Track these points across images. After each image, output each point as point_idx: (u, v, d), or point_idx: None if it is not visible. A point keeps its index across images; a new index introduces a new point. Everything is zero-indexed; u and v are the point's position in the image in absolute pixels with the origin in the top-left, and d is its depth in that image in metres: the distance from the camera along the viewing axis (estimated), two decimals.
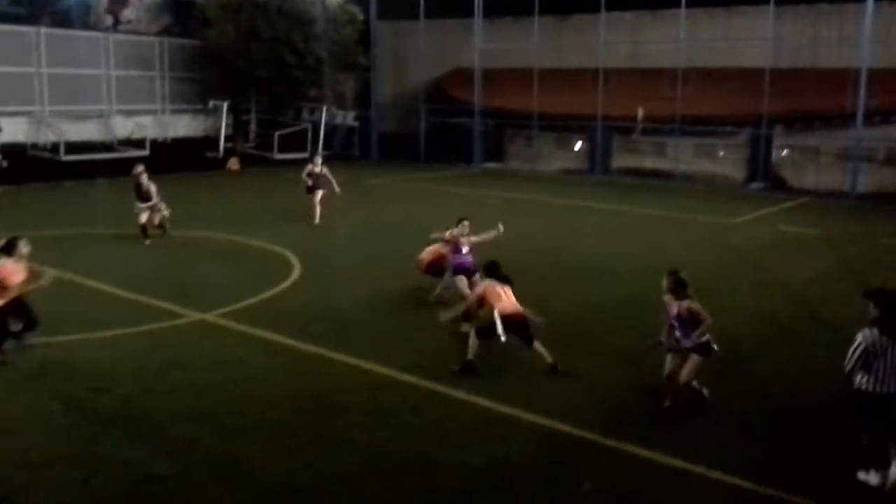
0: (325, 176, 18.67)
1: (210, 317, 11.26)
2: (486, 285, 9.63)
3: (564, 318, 11.62)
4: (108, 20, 31.99)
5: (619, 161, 30.34)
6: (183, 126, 33.35)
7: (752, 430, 8.01)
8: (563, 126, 30.43)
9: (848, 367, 6.77)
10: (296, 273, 13.98)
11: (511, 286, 9.65)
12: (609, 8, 28.64)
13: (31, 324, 9.45)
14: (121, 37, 31.61)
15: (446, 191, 25.39)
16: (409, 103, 34.22)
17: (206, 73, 31.60)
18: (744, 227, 19.97)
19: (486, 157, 32.65)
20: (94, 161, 26.71)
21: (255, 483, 6.76)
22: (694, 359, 8.17)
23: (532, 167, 31.24)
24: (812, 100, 25.70)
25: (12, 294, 9.08)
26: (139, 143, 29.64)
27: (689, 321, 8.13)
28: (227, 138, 32.01)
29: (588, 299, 12.67)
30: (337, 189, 18.70)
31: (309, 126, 33.48)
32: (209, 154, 31.16)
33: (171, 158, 28.55)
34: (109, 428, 7.70)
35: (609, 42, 28.91)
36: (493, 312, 9.31)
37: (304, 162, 31.25)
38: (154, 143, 30.38)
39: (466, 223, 11.62)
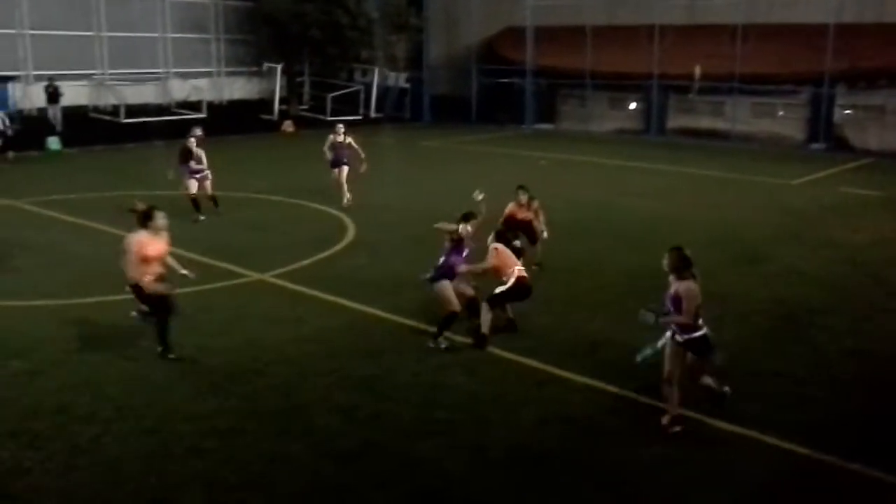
0: (350, 147, 16.57)
1: (267, 277, 11.53)
2: (501, 248, 9.34)
3: (616, 282, 11.61)
4: None
5: (675, 121, 29.81)
6: (238, 88, 33.80)
7: (808, 395, 7.94)
8: (617, 85, 29.95)
9: None
10: (350, 235, 14.19)
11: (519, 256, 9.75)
12: None
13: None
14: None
15: (498, 152, 25.32)
16: (461, 64, 34.01)
17: (260, 35, 31.86)
18: (803, 188, 19.53)
19: (537, 117, 32.37)
20: (152, 123, 27.28)
21: (312, 437, 6.99)
22: (689, 358, 7.02)
23: (585, 128, 30.89)
24: (877, 56, 24.81)
25: (156, 269, 8.46)
26: (196, 106, 30.15)
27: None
28: (281, 101, 32.35)
29: (641, 263, 12.56)
30: (362, 165, 16.54)
31: (361, 88, 33.59)
32: (264, 116, 31.55)
33: (227, 121, 29.01)
34: (174, 384, 8.00)
35: None
36: (503, 277, 9.13)
37: (356, 124, 31.74)
38: (210, 105, 30.87)
39: (474, 222, 9.36)
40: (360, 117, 32.78)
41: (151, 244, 8.40)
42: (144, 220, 8.43)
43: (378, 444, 6.91)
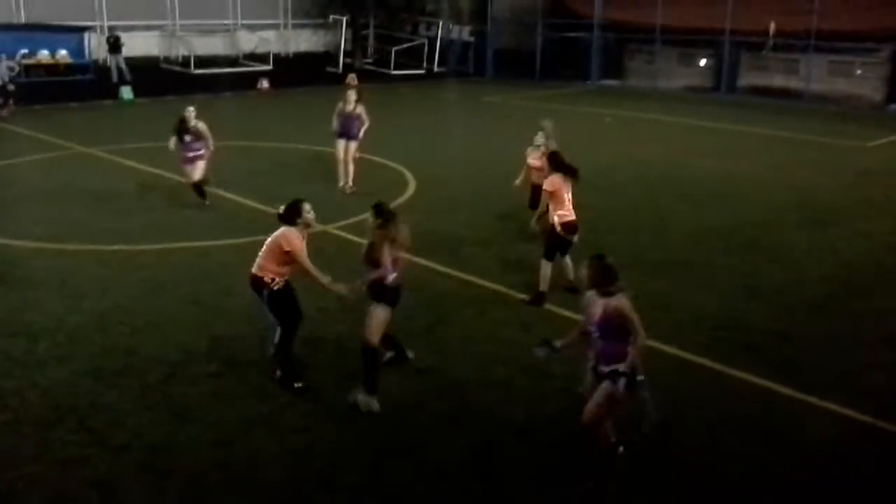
0: (360, 118, 13.71)
1: (330, 228, 11.71)
2: (557, 180, 8.85)
3: (681, 243, 11.47)
4: None
5: (747, 79, 28.88)
6: (304, 41, 34.01)
7: (872, 362, 7.78)
8: (687, 41, 29.12)
9: None
10: (411, 190, 14.28)
11: (576, 180, 8.95)
12: None
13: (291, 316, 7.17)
14: None
15: (562, 109, 24.97)
16: (526, 18, 33.41)
17: None
18: (879, 151, 18.82)
19: (603, 73, 31.74)
20: (221, 74, 27.70)
21: None
22: (603, 390, 5.60)
23: (653, 84, 30.18)
24: None
25: (294, 271, 7.09)
26: (263, 58, 30.47)
27: (617, 329, 5.53)
28: (345, 53, 32.40)
29: (706, 223, 12.40)
30: (359, 137, 13.77)
31: (425, 42, 33.40)
32: (329, 69, 31.69)
33: (293, 73, 29.26)
34: (237, 329, 8.26)
35: None
36: (555, 214, 8.83)
37: (420, 79, 31.64)
38: (277, 57, 31.14)
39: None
40: (423, 71, 32.67)
41: (300, 242, 6.99)
42: (292, 215, 7.01)
43: (435, 395, 7.05)
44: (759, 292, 9.53)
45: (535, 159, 10.89)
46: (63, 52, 26.70)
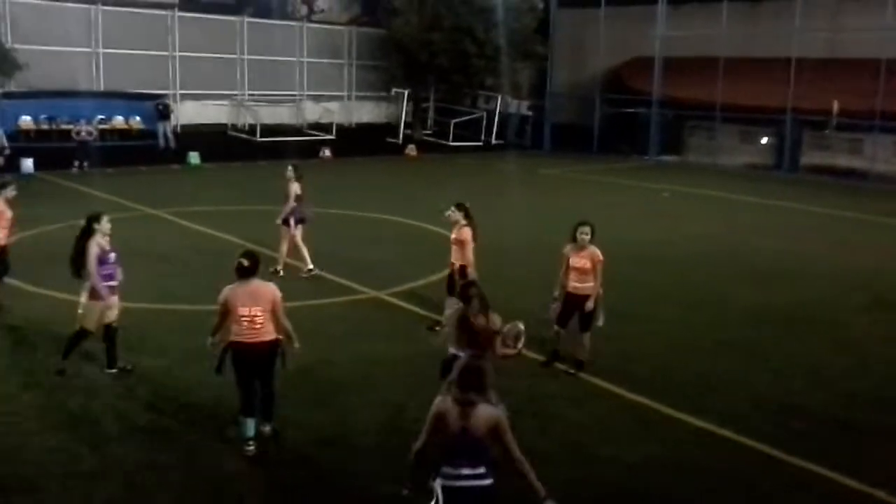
0: (300, 197, 12.92)
1: (383, 295, 11.81)
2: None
3: (739, 321, 11.22)
4: (303, 10, 34.11)
5: (809, 158, 28.59)
6: (366, 112, 34.99)
7: None
8: (748, 119, 29.05)
9: None
10: None
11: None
12: None
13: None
14: (314, 26, 33.60)
15: (618, 183, 25.01)
16: (585, 93, 33.84)
17: (390, 61, 32.89)
18: None
19: (662, 149, 31.77)
20: (285, 143, 28.56)
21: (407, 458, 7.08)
22: None
23: (712, 161, 30.08)
24: None
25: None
26: (326, 128, 31.39)
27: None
28: (406, 125, 33.17)
29: (766, 303, 12.12)
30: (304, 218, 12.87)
31: (484, 115, 34.01)
32: (389, 140, 32.43)
33: (354, 143, 30.02)
34: (291, 391, 8.27)
35: (804, 29, 27.22)
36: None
37: (477, 151, 32.12)
38: (340, 127, 32.03)
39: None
40: (481, 143, 33.19)
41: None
42: (255, 268, 7.01)
43: None
44: (820, 377, 9.23)
45: (454, 232, 10.29)
46: (137, 118, 27.92)
